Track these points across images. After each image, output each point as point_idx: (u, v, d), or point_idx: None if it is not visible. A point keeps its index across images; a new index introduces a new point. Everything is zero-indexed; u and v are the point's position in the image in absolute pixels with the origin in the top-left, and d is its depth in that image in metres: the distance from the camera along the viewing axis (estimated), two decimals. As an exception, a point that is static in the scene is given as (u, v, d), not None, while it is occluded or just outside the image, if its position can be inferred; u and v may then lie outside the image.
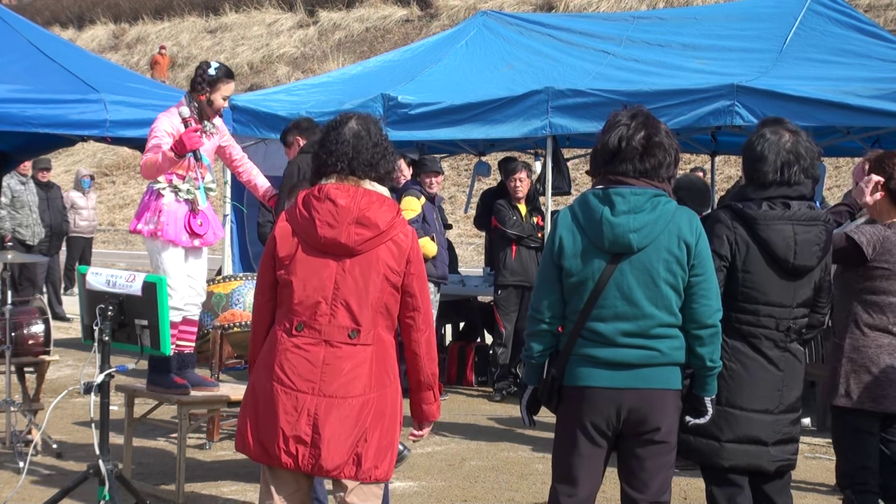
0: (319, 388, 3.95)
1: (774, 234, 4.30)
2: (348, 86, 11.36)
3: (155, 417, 7.49)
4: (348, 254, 3.99)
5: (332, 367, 3.96)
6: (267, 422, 3.98)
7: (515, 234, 10.16)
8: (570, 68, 10.54)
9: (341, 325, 3.98)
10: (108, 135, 9.71)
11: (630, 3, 27.51)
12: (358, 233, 3.97)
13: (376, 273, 3.99)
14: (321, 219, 3.99)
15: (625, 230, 3.98)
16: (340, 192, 4.02)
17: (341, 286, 3.98)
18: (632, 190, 4.02)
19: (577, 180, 19.40)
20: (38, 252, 13.36)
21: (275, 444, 3.96)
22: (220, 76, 6.42)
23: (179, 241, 6.34)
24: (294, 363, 3.97)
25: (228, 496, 6.58)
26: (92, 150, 30.75)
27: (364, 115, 4.21)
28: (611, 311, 4.01)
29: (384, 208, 4.03)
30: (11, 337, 7.29)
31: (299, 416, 3.94)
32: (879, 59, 9.56)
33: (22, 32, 10.12)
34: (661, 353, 4.01)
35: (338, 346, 3.97)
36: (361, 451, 3.96)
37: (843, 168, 20.79)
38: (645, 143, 4.04)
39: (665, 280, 3.98)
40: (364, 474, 3.98)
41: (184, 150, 6.16)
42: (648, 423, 4.04)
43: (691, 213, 4.09)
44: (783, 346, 4.37)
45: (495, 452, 7.91)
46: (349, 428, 3.95)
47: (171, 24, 39.75)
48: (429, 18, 33.20)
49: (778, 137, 4.36)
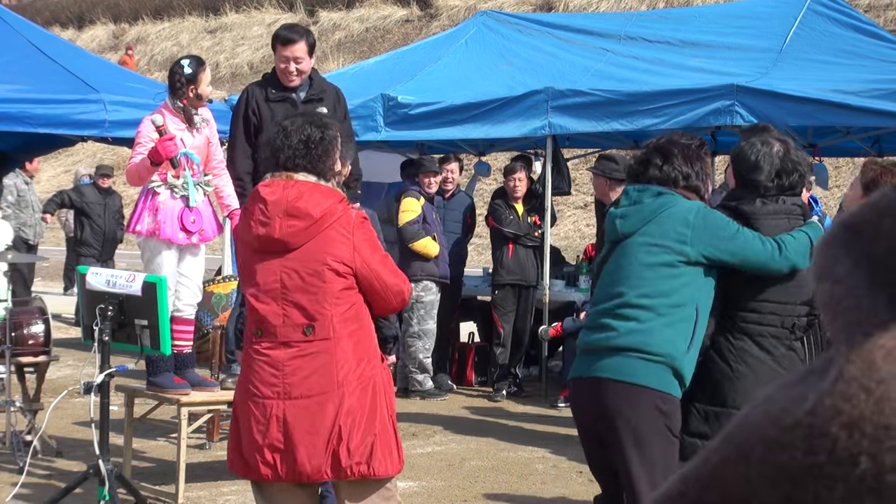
0: (284, 391, 3.88)
1: (769, 228, 4.31)
2: (348, 86, 11.35)
3: (155, 417, 7.49)
4: (286, 249, 3.89)
5: (292, 368, 3.87)
6: (245, 436, 3.93)
7: (512, 233, 10.14)
8: (569, 65, 10.54)
9: (295, 324, 3.88)
10: (108, 135, 9.72)
11: (630, 3, 27.49)
12: (290, 224, 3.87)
13: (321, 264, 3.87)
14: (254, 218, 3.92)
15: (613, 216, 4.21)
16: (269, 188, 3.94)
17: (287, 284, 3.89)
18: (636, 187, 4.18)
19: (576, 180, 19.40)
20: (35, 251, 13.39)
21: (252, 457, 3.90)
22: (196, 69, 6.37)
23: (176, 240, 6.29)
24: (257, 371, 3.91)
25: (228, 496, 6.57)
26: (92, 150, 30.72)
27: (308, 114, 4.19)
28: (598, 295, 4.21)
29: (317, 196, 3.89)
30: (11, 337, 7.28)
31: (269, 424, 3.87)
32: (879, 59, 9.56)
33: (22, 32, 10.13)
34: (618, 332, 4.00)
35: (295, 346, 3.88)
36: (337, 449, 3.86)
37: (842, 168, 20.78)
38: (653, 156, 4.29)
39: (641, 262, 4.05)
40: (345, 473, 3.88)
41: (159, 159, 6.08)
42: (602, 417, 4.02)
43: (696, 206, 4.14)
44: (788, 343, 4.36)
45: (495, 452, 7.90)
46: (320, 428, 3.85)
47: (171, 24, 39.73)
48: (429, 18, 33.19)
49: (769, 147, 4.37)
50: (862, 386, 0.72)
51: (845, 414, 0.72)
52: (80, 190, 14.19)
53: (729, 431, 0.78)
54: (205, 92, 6.40)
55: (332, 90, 6.72)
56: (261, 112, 6.48)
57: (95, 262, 13.04)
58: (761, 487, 0.75)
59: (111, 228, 13.98)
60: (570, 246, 19.03)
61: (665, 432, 4.04)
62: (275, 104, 6.49)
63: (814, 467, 0.72)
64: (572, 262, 11.57)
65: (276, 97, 6.50)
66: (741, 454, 0.76)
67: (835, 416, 0.72)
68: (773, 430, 0.74)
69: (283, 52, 6.46)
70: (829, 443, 0.72)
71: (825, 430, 0.72)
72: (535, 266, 10.14)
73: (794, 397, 0.75)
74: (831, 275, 0.77)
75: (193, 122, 6.37)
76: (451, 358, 10.80)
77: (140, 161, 6.11)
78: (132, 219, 6.40)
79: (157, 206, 6.29)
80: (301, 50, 6.47)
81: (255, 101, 6.51)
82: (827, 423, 0.72)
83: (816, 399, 0.73)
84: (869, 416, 0.71)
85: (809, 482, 0.73)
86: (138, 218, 6.35)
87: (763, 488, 0.74)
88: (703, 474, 0.78)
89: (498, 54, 11.33)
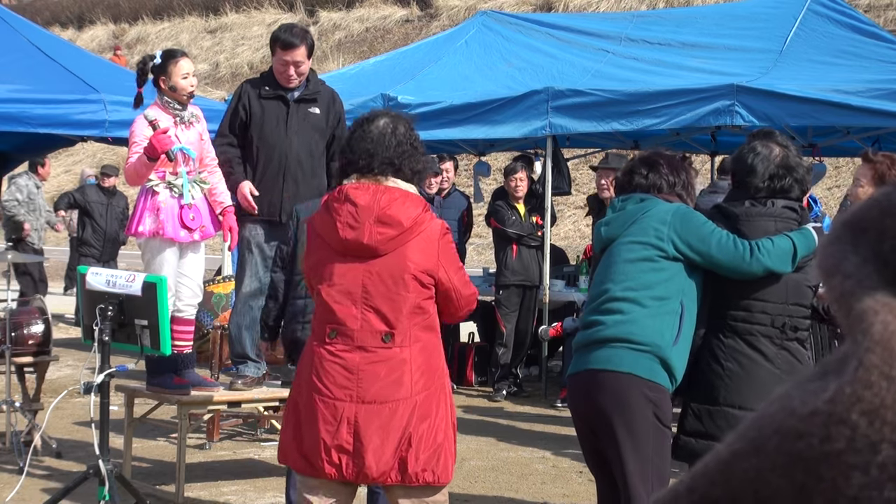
0: (357, 394, 3.88)
1: (755, 230, 4.33)
2: (348, 86, 11.36)
3: (155, 417, 7.49)
4: (373, 255, 3.90)
5: (367, 373, 3.89)
6: (308, 433, 3.93)
7: (515, 233, 10.14)
8: (569, 65, 10.55)
9: (374, 330, 3.89)
10: (108, 135, 9.71)
11: (630, 3, 27.49)
12: (380, 232, 3.88)
13: (406, 273, 3.89)
14: (342, 220, 3.89)
15: (599, 227, 4.37)
16: (359, 192, 3.92)
17: (370, 289, 3.89)
18: (621, 198, 4.35)
19: (576, 180, 19.41)
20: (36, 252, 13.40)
21: (318, 456, 3.90)
22: (166, 59, 6.32)
23: (178, 238, 6.26)
24: (330, 371, 3.90)
25: (228, 496, 6.57)
26: (92, 151, 30.72)
27: (394, 113, 4.13)
28: (588, 298, 4.38)
29: (407, 204, 3.91)
30: (11, 337, 7.28)
31: (339, 425, 3.88)
32: (879, 59, 9.57)
33: (22, 32, 10.13)
34: (605, 325, 4.10)
35: (372, 351, 3.90)
36: (406, 455, 3.89)
37: (842, 168, 20.77)
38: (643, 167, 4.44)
39: (624, 259, 4.17)
40: (410, 478, 3.91)
41: (155, 154, 6.02)
42: (593, 408, 4.10)
43: (675, 206, 4.26)
44: (779, 343, 4.37)
45: (495, 452, 7.90)
46: (391, 433, 3.88)
47: (171, 24, 39.72)
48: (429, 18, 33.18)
49: (769, 151, 4.39)
50: (883, 374, 0.71)
51: (866, 401, 0.71)
52: (84, 190, 14.20)
53: (741, 428, 0.78)
54: (179, 84, 6.28)
55: (327, 92, 6.72)
56: (251, 108, 6.51)
57: (96, 262, 13.02)
58: (773, 478, 0.74)
59: (113, 229, 13.93)
60: (569, 246, 19.03)
61: (654, 421, 4.10)
62: (266, 101, 6.52)
63: (832, 455, 0.72)
64: (573, 262, 11.58)
65: (269, 94, 6.52)
66: (754, 446, 0.75)
67: (855, 404, 0.71)
68: (790, 420, 0.74)
69: (284, 56, 6.46)
70: (849, 430, 0.71)
71: (845, 417, 0.71)
72: (539, 266, 10.16)
73: (813, 390, 0.74)
74: (840, 270, 0.76)
75: (182, 116, 6.32)
76: (451, 358, 10.80)
77: (137, 159, 6.08)
78: (133, 221, 6.34)
79: (158, 205, 6.25)
80: (301, 54, 6.48)
81: (247, 97, 6.55)
82: (847, 410, 0.71)
83: (837, 387, 0.72)
84: (890, 404, 0.71)
85: (826, 470, 0.72)
86: (139, 219, 6.28)
87: (775, 479, 0.74)
88: (711, 469, 0.78)
89: (499, 56, 11.33)
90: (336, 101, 6.75)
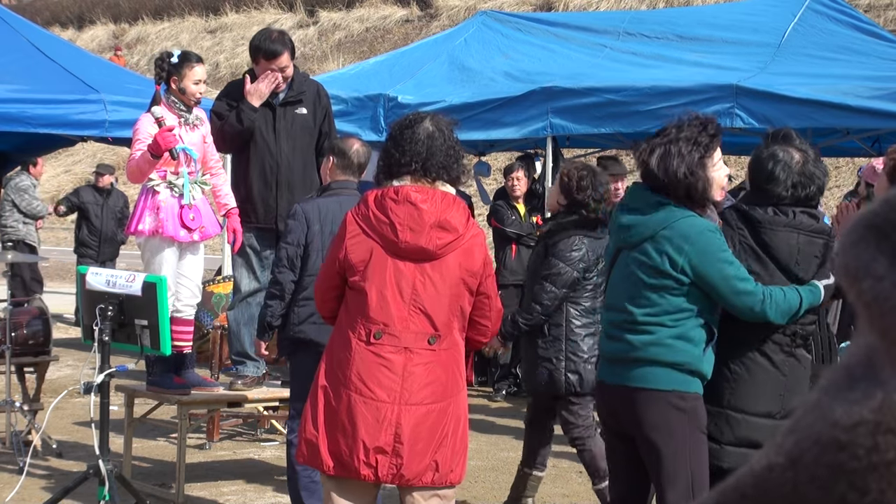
0: (401, 396, 3.87)
1: (778, 240, 4.29)
2: (348, 86, 11.36)
3: (155, 417, 7.49)
4: (428, 258, 3.91)
5: (413, 375, 3.89)
6: (345, 434, 3.88)
7: (515, 233, 10.14)
8: (570, 65, 10.54)
9: (420, 331, 3.90)
10: (108, 135, 9.72)
11: (630, 3, 27.49)
12: (439, 237, 3.89)
13: (455, 277, 3.92)
14: (402, 223, 3.88)
15: (618, 222, 4.19)
16: (421, 195, 3.91)
17: (420, 291, 3.90)
18: (640, 186, 4.20)
19: (576, 180, 19.38)
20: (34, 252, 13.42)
21: (354, 457, 3.87)
22: (182, 62, 6.33)
23: (178, 237, 6.26)
24: (374, 372, 3.87)
25: (228, 496, 6.57)
26: (92, 151, 30.71)
27: (438, 116, 4.12)
28: (609, 300, 4.27)
29: (460, 209, 3.96)
30: (11, 337, 7.28)
31: (381, 427, 3.85)
32: (879, 56, 9.57)
33: (22, 32, 10.14)
34: (633, 346, 4.09)
35: (418, 353, 3.90)
36: (439, 456, 3.92)
37: (842, 168, 20.78)
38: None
39: (645, 283, 4.09)
40: (441, 479, 3.94)
41: (159, 151, 6.01)
42: (630, 421, 4.12)
43: (693, 233, 4.10)
44: (788, 350, 4.36)
45: (495, 452, 7.90)
46: (430, 435, 3.90)
47: (171, 25, 39.71)
48: (429, 18, 33.18)
49: (790, 157, 4.32)
50: None
51: None
52: (79, 191, 14.20)
53: (774, 441, 0.75)
54: (190, 88, 6.31)
55: (311, 88, 6.73)
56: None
57: (93, 262, 12.97)
58: (811, 491, 0.71)
59: (109, 229, 13.79)
60: (569, 246, 19.02)
61: (693, 431, 4.16)
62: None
63: (880, 465, 0.69)
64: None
65: None
66: (790, 459, 0.73)
67: None
68: (832, 431, 0.71)
69: (269, 65, 6.49)
70: None
71: (894, 426, 0.69)
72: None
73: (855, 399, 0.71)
74: (871, 273, 0.73)
75: (187, 118, 6.33)
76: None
77: (140, 155, 6.08)
78: (132, 220, 6.36)
79: (158, 204, 6.25)
80: (286, 59, 6.54)
81: (237, 93, 6.58)
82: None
83: (884, 396, 0.70)
84: None
85: (872, 482, 0.70)
86: (139, 218, 6.28)
87: (813, 492, 0.71)
88: (743, 483, 0.75)
89: (498, 54, 11.33)
90: (321, 96, 6.77)
